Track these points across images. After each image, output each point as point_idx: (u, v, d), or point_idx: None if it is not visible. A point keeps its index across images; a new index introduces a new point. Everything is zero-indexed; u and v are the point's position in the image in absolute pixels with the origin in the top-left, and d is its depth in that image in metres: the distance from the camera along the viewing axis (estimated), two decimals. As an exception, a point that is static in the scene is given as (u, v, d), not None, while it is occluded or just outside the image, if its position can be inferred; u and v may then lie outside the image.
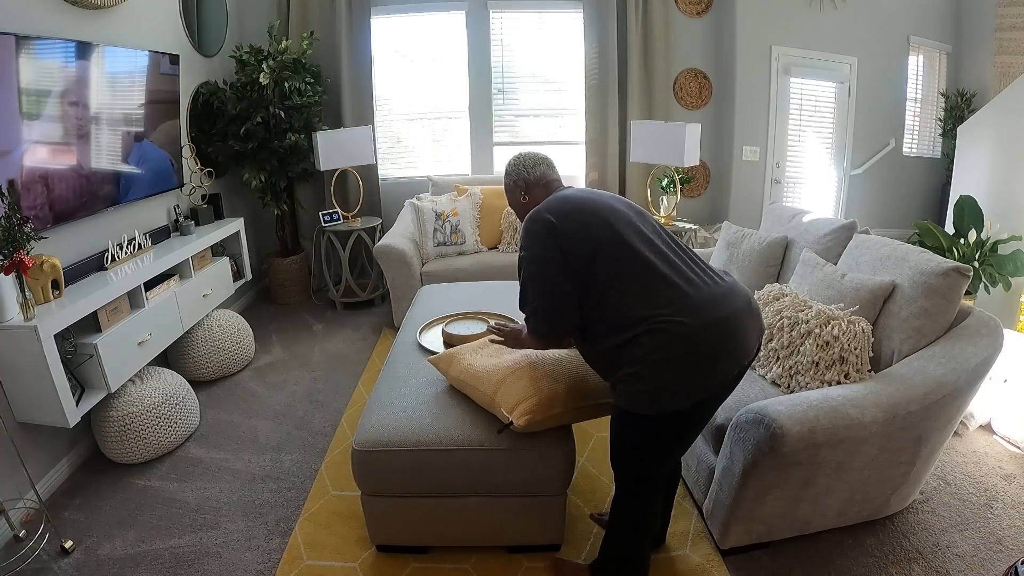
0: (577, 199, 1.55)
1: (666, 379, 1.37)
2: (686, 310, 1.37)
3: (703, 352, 1.38)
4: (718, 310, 1.40)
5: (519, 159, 1.78)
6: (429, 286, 3.12)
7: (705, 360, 1.38)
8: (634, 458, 1.56)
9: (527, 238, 1.52)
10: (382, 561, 1.89)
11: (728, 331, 1.40)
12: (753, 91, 4.45)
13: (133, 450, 2.39)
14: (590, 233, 1.46)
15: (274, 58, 3.71)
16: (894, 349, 1.92)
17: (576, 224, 1.47)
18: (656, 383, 1.38)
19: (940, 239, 3.25)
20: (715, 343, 1.39)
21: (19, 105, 2.08)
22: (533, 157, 1.77)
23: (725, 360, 1.41)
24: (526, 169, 1.74)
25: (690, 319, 1.36)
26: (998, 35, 4.46)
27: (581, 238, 1.46)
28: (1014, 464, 2.28)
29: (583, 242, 1.45)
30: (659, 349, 1.36)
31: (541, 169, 1.74)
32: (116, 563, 1.92)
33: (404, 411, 1.84)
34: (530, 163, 1.75)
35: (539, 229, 1.49)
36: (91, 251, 2.55)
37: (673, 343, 1.36)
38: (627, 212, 1.54)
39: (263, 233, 4.50)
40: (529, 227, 1.52)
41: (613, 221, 1.48)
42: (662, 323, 1.36)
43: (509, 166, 1.79)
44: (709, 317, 1.38)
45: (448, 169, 4.77)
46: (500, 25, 4.49)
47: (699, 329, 1.36)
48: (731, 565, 1.83)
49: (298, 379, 3.16)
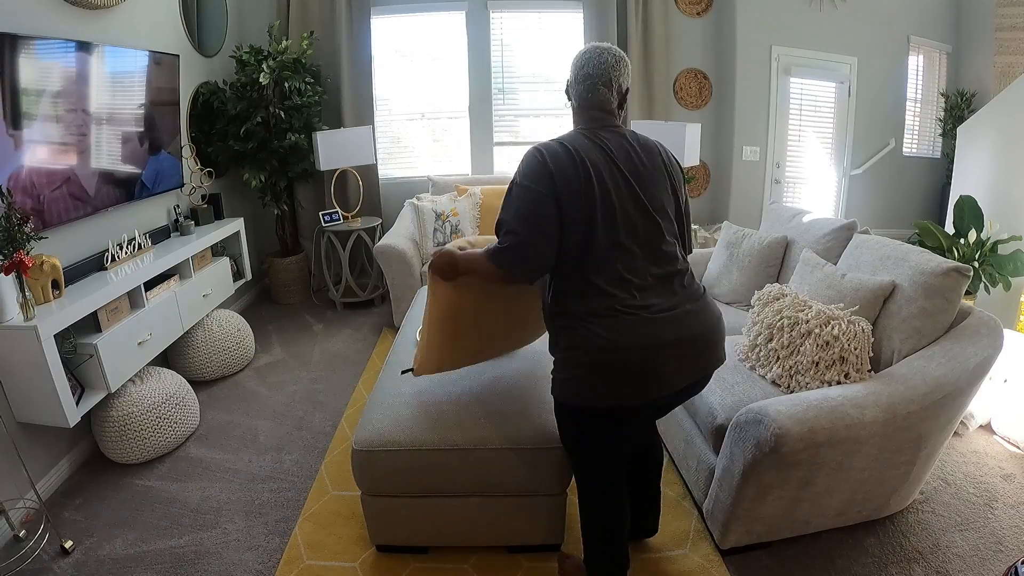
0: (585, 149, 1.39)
1: (578, 376, 1.37)
2: (612, 326, 1.32)
3: (615, 372, 1.34)
4: (648, 338, 1.32)
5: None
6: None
7: (616, 379, 1.34)
8: (575, 450, 1.55)
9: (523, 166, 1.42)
10: (382, 561, 1.89)
11: (644, 366, 1.33)
12: (753, 91, 4.45)
13: (133, 450, 2.39)
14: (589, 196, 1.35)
15: (274, 58, 3.71)
16: (894, 349, 1.92)
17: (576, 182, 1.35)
18: (569, 375, 1.38)
19: (940, 239, 3.25)
20: (626, 370, 1.33)
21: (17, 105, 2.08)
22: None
23: (628, 384, 1.34)
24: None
25: (614, 335, 1.32)
26: (998, 35, 4.46)
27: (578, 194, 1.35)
28: (1014, 464, 2.28)
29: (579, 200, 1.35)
30: (583, 348, 1.35)
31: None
32: (116, 563, 1.92)
33: (404, 411, 1.84)
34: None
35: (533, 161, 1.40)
36: (91, 251, 2.55)
37: (594, 349, 1.34)
38: (641, 188, 1.40)
39: (263, 233, 4.50)
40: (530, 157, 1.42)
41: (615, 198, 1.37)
42: (594, 325, 1.34)
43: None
44: (636, 343, 1.32)
45: (448, 169, 4.77)
46: (500, 25, 4.49)
47: (612, 351, 1.32)
48: (731, 565, 1.83)
49: (298, 379, 3.16)
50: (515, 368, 2.06)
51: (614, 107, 1.50)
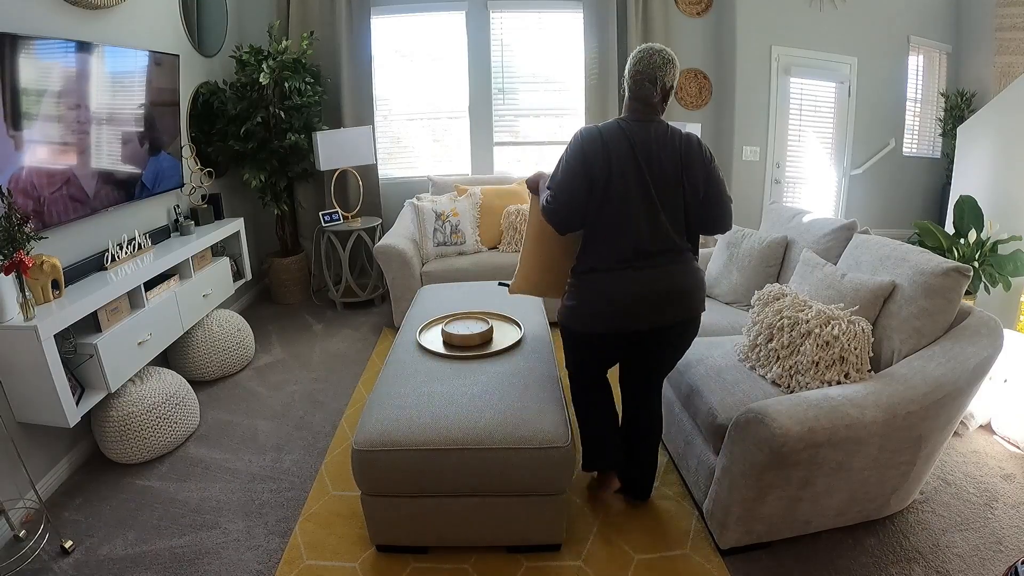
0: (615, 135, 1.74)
1: (572, 308, 1.85)
2: (607, 279, 1.76)
3: (599, 308, 1.79)
4: (628, 287, 1.74)
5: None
6: (429, 286, 3.13)
7: (600, 312, 1.79)
8: (567, 360, 2.01)
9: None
10: (382, 561, 1.89)
11: (622, 304, 1.75)
12: (753, 91, 4.45)
13: (133, 450, 2.39)
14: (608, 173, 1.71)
15: (274, 58, 3.71)
16: (894, 349, 1.92)
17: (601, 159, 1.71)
18: (567, 305, 1.87)
19: (940, 239, 3.25)
20: (611, 306, 1.76)
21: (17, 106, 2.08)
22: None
23: (612, 319, 1.78)
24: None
25: (605, 284, 1.76)
26: (998, 35, 4.46)
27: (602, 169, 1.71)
28: (1014, 464, 2.28)
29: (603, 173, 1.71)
30: (585, 287, 1.81)
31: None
32: (116, 563, 1.92)
33: (404, 411, 1.84)
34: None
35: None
36: (91, 251, 2.55)
37: (589, 290, 1.80)
38: (652, 175, 1.71)
39: (263, 233, 4.50)
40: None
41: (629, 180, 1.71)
42: (593, 274, 1.78)
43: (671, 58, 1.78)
44: (618, 289, 1.75)
45: (448, 169, 4.77)
46: (500, 25, 4.49)
47: (606, 293, 1.76)
48: (731, 565, 1.83)
49: (298, 379, 3.16)
50: (515, 368, 2.06)
51: (655, 102, 1.76)
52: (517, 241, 3.83)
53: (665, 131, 1.75)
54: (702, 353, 2.25)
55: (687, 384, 2.15)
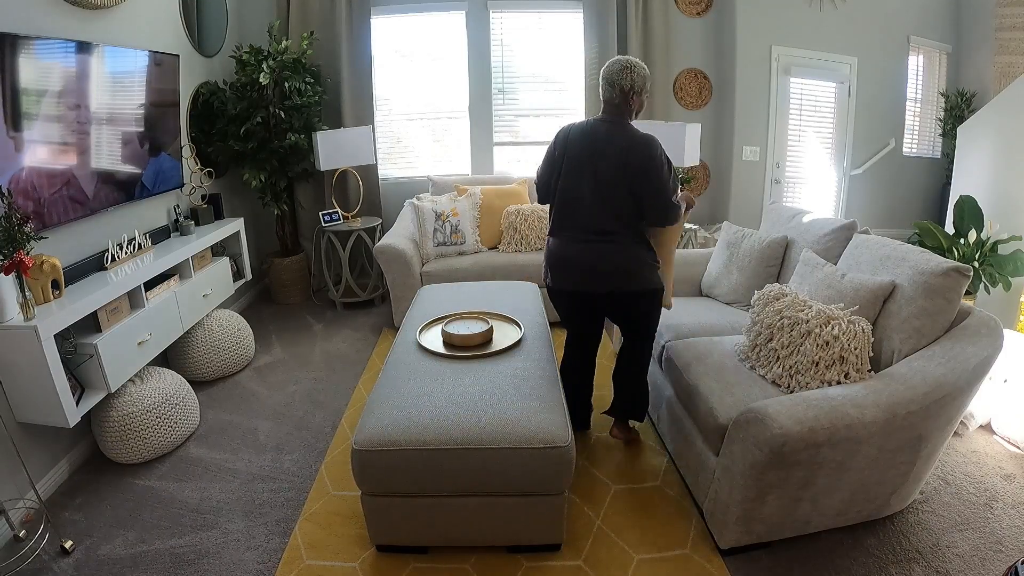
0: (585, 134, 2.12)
1: (544, 267, 2.27)
2: (556, 243, 2.18)
3: (549, 265, 2.23)
4: (567, 252, 2.15)
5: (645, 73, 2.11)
6: (429, 286, 3.12)
7: (554, 270, 2.21)
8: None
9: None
10: (382, 561, 1.89)
11: (563, 266, 2.16)
12: (753, 91, 4.45)
13: (133, 450, 2.39)
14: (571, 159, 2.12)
15: (274, 58, 3.71)
16: (894, 349, 1.92)
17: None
18: (543, 267, 2.28)
19: (940, 239, 3.25)
20: (558, 266, 2.18)
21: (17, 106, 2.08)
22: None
23: (562, 278, 2.18)
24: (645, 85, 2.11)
25: (555, 247, 2.19)
26: (998, 35, 4.46)
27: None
28: (1014, 464, 2.28)
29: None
30: (546, 248, 2.25)
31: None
32: (116, 563, 1.92)
33: (404, 411, 1.84)
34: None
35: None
36: (91, 251, 2.55)
37: (547, 250, 2.25)
38: (597, 170, 2.05)
39: (263, 233, 4.50)
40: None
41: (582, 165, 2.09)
42: (552, 239, 2.21)
43: (644, 73, 2.09)
44: (560, 253, 2.16)
45: (448, 169, 4.77)
46: (500, 25, 4.49)
47: (554, 255, 2.19)
48: (731, 565, 1.83)
49: (298, 379, 3.16)
50: (515, 368, 2.06)
51: (616, 103, 2.08)
52: (517, 241, 3.83)
53: (617, 131, 2.05)
54: (702, 353, 2.25)
55: (687, 384, 2.15)
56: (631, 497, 2.16)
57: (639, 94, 2.06)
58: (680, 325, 2.53)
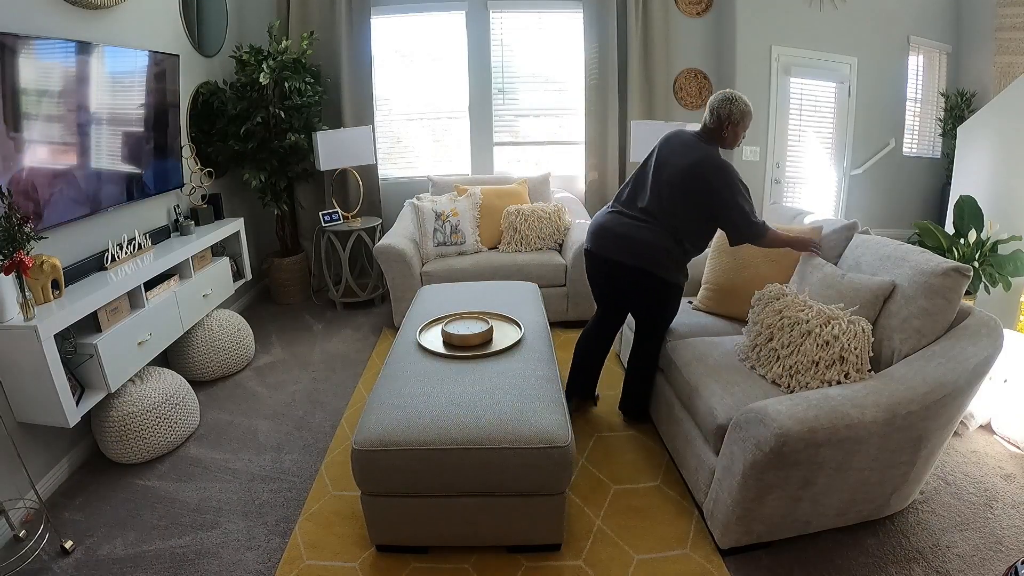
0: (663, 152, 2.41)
1: (588, 230, 2.49)
2: (603, 213, 2.46)
3: (593, 231, 2.45)
4: (607, 222, 2.40)
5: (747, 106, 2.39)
6: (429, 286, 3.12)
7: (593, 235, 2.44)
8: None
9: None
10: (382, 561, 1.89)
11: (601, 232, 2.40)
12: (753, 91, 4.42)
13: (133, 450, 2.39)
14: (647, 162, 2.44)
15: (274, 58, 3.71)
16: (894, 349, 1.92)
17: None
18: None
19: (940, 239, 3.25)
20: (598, 232, 2.42)
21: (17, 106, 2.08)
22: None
23: (596, 243, 2.41)
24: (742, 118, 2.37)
25: (601, 216, 2.46)
26: (998, 35, 4.46)
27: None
28: (1014, 464, 2.28)
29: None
30: (594, 218, 2.51)
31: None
32: (116, 563, 1.92)
33: (404, 411, 1.84)
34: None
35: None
36: (91, 251, 2.55)
37: (593, 219, 2.50)
38: (664, 170, 2.31)
39: (263, 233, 4.50)
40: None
41: (653, 167, 2.37)
42: (603, 210, 2.50)
43: (744, 108, 2.38)
44: (601, 220, 2.43)
45: (448, 169, 4.77)
46: (500, 25, 4.49)
47: (596, 221, 2.46)
48: (731, 565, 1.83)
49: (298, 379, 3.16)
50: (515, 368, 2.06)
51: (712, 127, 2.35)
52: (517, 241, 3.83)
53: (699, 145, 2.30)
54: (702, 353, 2.25)
55: (687, 384, 2.15)
56: (631, 497, 2.16)
57: (734, 125, 2.32)
58: (680, 325, 2.53)
